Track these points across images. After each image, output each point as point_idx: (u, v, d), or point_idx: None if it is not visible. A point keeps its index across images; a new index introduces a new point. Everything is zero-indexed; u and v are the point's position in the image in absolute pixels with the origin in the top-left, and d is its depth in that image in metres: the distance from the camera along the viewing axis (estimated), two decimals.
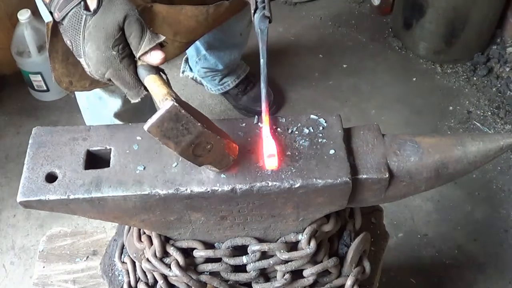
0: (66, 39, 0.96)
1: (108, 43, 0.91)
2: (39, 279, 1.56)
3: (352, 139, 0.99)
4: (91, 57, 0.93)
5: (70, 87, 1.23)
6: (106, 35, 0.91)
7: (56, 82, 1.16)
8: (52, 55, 1.13)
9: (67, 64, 1.19)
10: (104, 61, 0.92)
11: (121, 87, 0.94)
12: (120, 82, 0.94)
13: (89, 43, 0.92)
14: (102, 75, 0.94)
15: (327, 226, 1.05)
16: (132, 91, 0.94)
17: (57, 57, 1.16)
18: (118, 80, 0.93)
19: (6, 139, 2.59)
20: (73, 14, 0.93)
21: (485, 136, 0.98)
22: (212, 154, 0.87)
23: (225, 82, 2.58)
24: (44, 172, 0.92)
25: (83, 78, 1.22)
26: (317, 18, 3.10)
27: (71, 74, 1.22)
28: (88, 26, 0.92)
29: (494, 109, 2.64)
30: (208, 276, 1.08)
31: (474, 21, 2.64)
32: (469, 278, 2.14)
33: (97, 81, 0.98)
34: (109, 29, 0.91)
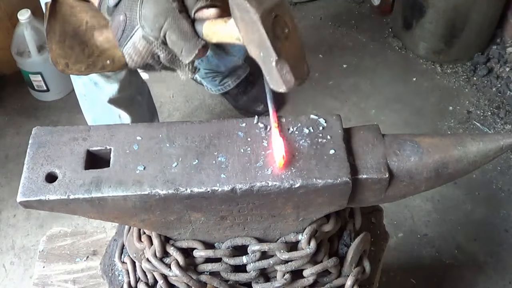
0: (119, 17, 0.96)
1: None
2: (39, 279, 1.56)
3: (352, 139, 0.99)
4: (147, 15, 0.92)
5: (66, 69, 1.23)
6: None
7: (53, 63, 1.16)
8: (50, 35, 1.13)
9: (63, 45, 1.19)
10: (162, 12, 0.91)
11: (178, 39, 0.92)
12: (178, 32, 0.92)
13: (147, 4, 0.92)
14: (159, 29, 0.92)
15: (327, 226, 1.05)
16: (189, 43, 0.92)
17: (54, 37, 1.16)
18: (176, 30, 0.91)
19: (6, 139, 2.59)
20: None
21: (485, 136, 0.98)
22: (290, 46, 0.80)
23: (226, 83, 2.58)
24: (44, 172, 0.92)
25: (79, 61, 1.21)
26: (317, 18, 3.10)
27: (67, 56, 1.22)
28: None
29: (494, 109, 2.64)
30: (208, 276, 1.08)
31: (474, 21, 2.64)
32: (469, 278, 2.14)
33: (93, 65, 0.99)
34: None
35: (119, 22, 0.96)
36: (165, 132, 0.97)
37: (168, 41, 0.93)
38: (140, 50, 0.96)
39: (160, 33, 0.92)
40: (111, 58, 1.33)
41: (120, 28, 0.97)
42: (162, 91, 2.72)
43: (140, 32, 0.94)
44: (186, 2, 0.93)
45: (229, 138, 0.96)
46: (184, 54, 0.93)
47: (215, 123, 0.99)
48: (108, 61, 1.31)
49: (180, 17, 0.91)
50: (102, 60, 1.31)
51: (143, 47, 0.96)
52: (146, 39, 0.94)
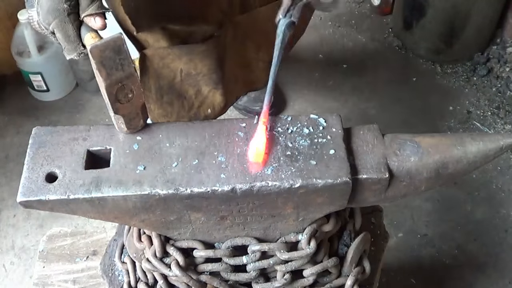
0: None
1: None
2: (39, 279, 1.56)
3: (352, 139, 0.99)
4: (43, 5, 0.97)
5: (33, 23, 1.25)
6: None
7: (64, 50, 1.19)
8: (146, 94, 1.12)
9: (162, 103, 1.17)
10: (53, 11, 0.96)
11: (62, 39, 0.98)
12: (62, 34, 0.97)
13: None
14: (48, 24, 0.98)
15: (327, 226, 1.05)
16: (70, 45, 0.98)
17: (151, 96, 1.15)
18: (61, 31, 0.97)
19: (6, 139, 2.59)
20: None
21: (485, 136, 0.98)
22: (129, 106, 0.93)
23: None
24: (44, 172, 0.92)
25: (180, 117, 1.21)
26: (317, 18, 3.10)
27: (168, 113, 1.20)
28: None
29: (494, 109, 2.64)
30: (208, 276, 1.08)
31: (474, 21, 2.64)
32: (469, 278, 2.14)
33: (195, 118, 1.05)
34: None
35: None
36: (165, 132, 0.97)
37: (56, 35, 0.99)
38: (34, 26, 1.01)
39: (49, 27, 0.98)
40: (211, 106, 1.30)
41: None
42: None
43: (35, 15, 0.99)
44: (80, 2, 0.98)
45: (229, 138, 0.96)
46: (65, 52, 1.00)
47: (215, 123, 0.99)
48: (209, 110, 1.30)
49: (67, 20, 0.97)
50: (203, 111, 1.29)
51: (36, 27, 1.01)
52: (38, 24, 1.00)
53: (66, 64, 2.65)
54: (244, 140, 0.96)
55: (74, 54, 1.00)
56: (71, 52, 1.00)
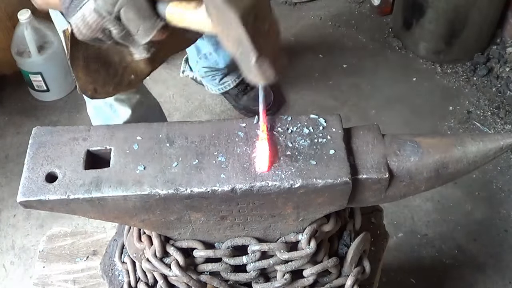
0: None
1: None
2: (39, 279, 1.56)
3: (352, 139, 0.99)
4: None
5: (95, 94, 1.19)
6: None
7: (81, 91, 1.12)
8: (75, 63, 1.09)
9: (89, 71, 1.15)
10: None
11: (135, 18, 0.84)
12: (135, 9, 0.83)
13: None
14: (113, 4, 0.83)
15: (327, 226, 1.05)
16: (148, 22, 0.84)
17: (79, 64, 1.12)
18: (133, 6, 0.83)
19: (6, 139, 2.59)
20: None
21: (485, 136, 0.98)
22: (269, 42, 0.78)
23: (225, 82, 2.58)
24: (44, 172, 0.91)
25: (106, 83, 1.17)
26: (317, 18, 3.10)
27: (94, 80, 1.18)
28: None
29: (494, 109, 2.64)
30: (208, 276, 1.08)
31: (474, 21, 2.64)
32: (469, 278, 2.14)
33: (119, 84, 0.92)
34: None
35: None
36: (165, 132, 0.97)
37: (123, 18, 0.85)
38: (90, 23, 0.86)
39: (114, 8, 0.83)
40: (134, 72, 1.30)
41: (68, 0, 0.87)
42: (162, 91, 2.72)
43: (91, 4, 0.85)
44: None
45: (229, 138, 0.96)
46: (140, 33, 0.86)
47: (215, 123, 0.99)
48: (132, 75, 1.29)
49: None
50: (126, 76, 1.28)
51: (94, 21, 0.86)
52: (98, 13, 0.85)
53: (66, 64, 2.65)
54: (244, 140, 0.96)
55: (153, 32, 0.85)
56: (149, 31, 0.85)
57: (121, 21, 0.85)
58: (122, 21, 0.85)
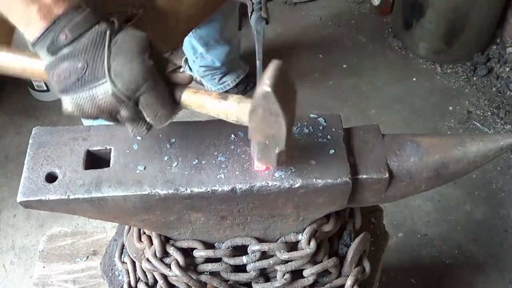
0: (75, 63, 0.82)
1: (144, 54, 0.81)
2: (39, 279, 1.56)
3: (352, 139, 0.99)
4: (121, 71, 0.81)
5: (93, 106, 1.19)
6: (141, 47, 0.82)
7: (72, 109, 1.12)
8: None
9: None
10: (142, 72, 0.81)
11: (155, 103, 0.84)
12: (157, 96, 0.83)
13: (120, 56, 0.81)
14: (135, 90, 0.82)
15: (327, 226, 1.05)
16: (167, 108, 0.85)
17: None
18: (155, 94, 0.82)
19: (6, 139, 2.59)
20: (94, 31, 0.82)
21: (485, 136, 0.98)
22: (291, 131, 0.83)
23: (225, 82, 2.58)
24: (44, 172, 0.91)
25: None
26: (317, 18, 3.10)
27: None
28: (115, 41, 0.82)
29: (494, 109, 2.64)
30: (208, 276, 1.08)
31: (474, 21, 2.64)
32: (469, 278, 2.14)
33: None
34: (142, 41, 0.82)
35: (75, 68, 0.82)
36: (165, 132, 0.97)
37: (142, 103, 0.83)
38: (101, 105, 0.83)
39: (136, 94, 0.82)
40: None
41: (74, 76, 0.83)
42: None
43: (108, 88, 0.81)
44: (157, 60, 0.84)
45: (229, 138, 0.96)
46: (158, 119, 0.85)
47: (215, 123, 0.99)
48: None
49: (159, 79, 0.83)
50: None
51: (108, 104, 0.83)
52: (116, 97, 0.82)
53: None
54: (244, 140, 0.96)
55: (170, 119, 0.85)
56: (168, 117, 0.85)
57: (137, 105, 0.84)
58: (139, 106, 0.84)
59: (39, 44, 0.84)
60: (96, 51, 0.82)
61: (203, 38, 2.31)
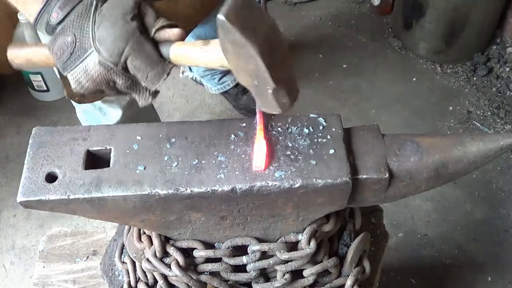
0: (66, 37, 0.85)
1: (126, 17, 0.82)
2: (39, 279, 1.56)
3: (352, 139, 0.99)
4: (104, 38, 0.82)
5: (82, 99, 1.19)
6: (124, 10, 0.83)
7: (68, 97, 1.12)
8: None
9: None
10: (123, 35, 0.81)
11: (143, 65, 0.84)
12: (142, 57, 0.83)
13: (103, 24, 0.82)
14: (119, 55, 0.82)
15: (327, 226, 1.05)
16: (156, 68, 0.84)
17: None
18: (139, 54, 0.82)
19: (6, 139, 2.59)
20: (82, 5, 0.84)
21: (485, 136, 0.98)
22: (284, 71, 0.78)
23: (225, 82, 2.58)
24: (44, 172, 0.92)
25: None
26: (317, 18, 3.10)
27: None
28: (100, 10, 0.83)
29: (494, 109, 2.64)
30: (208, 276, 1.08)
31: (474, 21, 2.64)
32: (469, 278, 2.14)
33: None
34: (126, 4, 0.83)
35: (66, 43, 0.84)
36: (165, 132, 0.97)
37: (130, 67, 0.84)
38: (93, 76, 0.85)
39: (121, 58, 0.83)
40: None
41: (67, 51, 0.85)
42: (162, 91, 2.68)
43: (95, 57, 0.83)
44: (144, 20, 0.85)
45: (229, 138, 0.96)
46: (150, 80, 0.85)
47: (215, 123, 0.99)
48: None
49: (143, 39, 0.83)
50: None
51: (98, 73, 0.85)
52: (103, 65, 0.83)
53: None
54: (244, 140, 0.96)
55: (163, 77, 0.85)
56: (160, 75, 0.85)
57: (128, 70, 0.84)
58: (129, 70, 0.84)
59: (38, 25, 0.87)
60: (82, 22, 0.83)
61: (201, 37, 2.31)
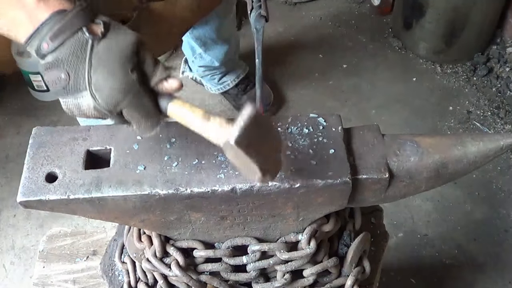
0: (59, 73, 0.82)
1: (126, 67, 0.79)
2: (39, 279, 1.56)
3: (352, 139, 0.99)
4: (101, 87, 0.80)
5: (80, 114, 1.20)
6: (123, 58, 0.80)
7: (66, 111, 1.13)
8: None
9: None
10: (121, 88, 0.79)
11: (138, 117, 0.83)
12: (140, 110, 0.82)
13: (100, 70, 0.79)
14: (115, 105, 0.80)
15: (327, 226, 1.05)
16: (150, 121, 0.84)
17: None
18: (137, 107, 0.81)
19: (6, 139, 2.59)
20: (75, 40, 0.80)
21: (485, 136, 0.98)
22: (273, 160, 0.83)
23: (225, 82, 2.58)
24: (44, 172, 0.91)
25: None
26: (317, 18, 3.10)
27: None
28: (97, 52, 0.80)
29: (494, 109, 2.64)
30: (208, 276, 1.08)
31: (474, 21, 2.64)
32: (469, 278, 2.14)
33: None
34: (125, 51, 0.80)
35: (59, 78, 0.82)
36: (165, 132, 0.97)
37: (125, 115, 0.83)
38: (86, 113, 0.84)
39: (116, 108, 0.81)
40: None
41: (59, 84, 0.83)
42: None
43: (89, 100, 0.81)
44: (144, 68, 0.82)
45: None
46: (143, 129, 0.85)
47: None
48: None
49: (142, 92, 0.81)
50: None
51: (91, 113, 0.84)
52: (97, 111, 0.82)
53: None
54: None
55: (155, 129, 0.85)
56: (151, 128, 0.84)
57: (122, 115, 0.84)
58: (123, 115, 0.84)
59: (29, 47, 0.85)
60: (77, 62, 0.80)
61: (200, 38, 2.32)
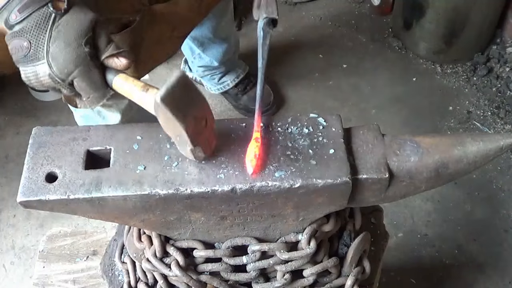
0: (22, 41, 0.91)
1: (80, 40, 0.90)
2: (39, 279, 1.56)
3: (352, 139, 0.99)
4: (57, 55, 0.90)
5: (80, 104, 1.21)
6: (79, 32, 0.90)
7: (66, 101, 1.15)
8: None
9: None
10: (73, 58, 0.89)
11: (87, 88, 0.92)
12: (88, 81, 0.91)
13: (57, 41, 0.90)
14: (67, 74, 0.91)
15: (327, 226, 1.05)
16: (97, 92, 0.93)
17: None
18: (86, 79, 0.91)
19: (6, 139, 2.59)
20: (40, 13, 0.90)
21: (485, 136, 0.98)
22: (205, 132, 0.88)
23: (225, 82, 2.58)
24: (44, 172, 0.91)
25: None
26: (317, 18, 3.10)
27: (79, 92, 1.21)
28: (57, 25, 0.90)
29: (494, 109, 2.64)
30: (208, 276, 1.08)
31: (474, 21, 2.64)
32: (469, 278, 2.14)
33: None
34: (82, 26, 0.90)
35: (22, 46, 0.92)
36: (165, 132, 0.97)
37: (76, 85, 0.92)
38: (42, 81, 0.93)
39: (68, 77, 0.91)
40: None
41: (21, 52, 0.93)
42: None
43: (45, 69, 0.91)
44: (97, 43, 0.92)
45: (229, 138, 0.96)
46: (89, 100, 0.94)
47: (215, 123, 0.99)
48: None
49: (92, 65, 0.91)
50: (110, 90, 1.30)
51: (46, 81, 0.92)
52: (52, 78, 0.91)
53: None
54: (244, 140, 0.96)
55: (102, 101, 0.93)
56: (98, 100, 0.93)
57: (73, 85, 0.92)
58: (73, 85, 0.92)
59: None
60: (39, 32, 0.90)
61: (198, 38, 2.32)
